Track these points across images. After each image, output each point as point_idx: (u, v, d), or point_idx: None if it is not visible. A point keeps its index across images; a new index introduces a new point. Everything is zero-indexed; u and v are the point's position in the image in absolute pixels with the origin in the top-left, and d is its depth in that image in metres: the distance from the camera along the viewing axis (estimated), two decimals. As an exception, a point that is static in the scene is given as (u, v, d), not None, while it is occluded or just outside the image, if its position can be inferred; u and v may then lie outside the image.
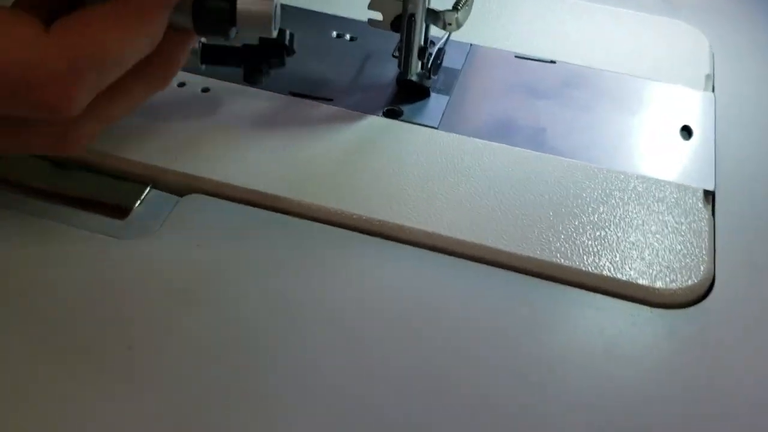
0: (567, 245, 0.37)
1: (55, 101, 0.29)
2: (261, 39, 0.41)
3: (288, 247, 0.37)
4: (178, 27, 0.34)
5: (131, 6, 0.30)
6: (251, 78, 0.42)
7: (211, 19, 0.34)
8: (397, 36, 0.43)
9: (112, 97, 0.32)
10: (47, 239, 0.37)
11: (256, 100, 0.44)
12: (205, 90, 0.45)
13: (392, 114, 0.44)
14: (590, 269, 0.36)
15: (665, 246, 0.38)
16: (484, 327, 0.35)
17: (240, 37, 0.37)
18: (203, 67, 0.42)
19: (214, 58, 0.42)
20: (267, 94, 0.45)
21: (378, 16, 0.42)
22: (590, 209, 0.39)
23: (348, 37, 0.49)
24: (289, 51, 0.41)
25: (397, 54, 0.44)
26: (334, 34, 0.49)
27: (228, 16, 0.34)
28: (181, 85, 0.45)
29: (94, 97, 0.31)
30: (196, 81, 0.45)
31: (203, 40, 0.41)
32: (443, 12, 0.42)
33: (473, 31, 0.47)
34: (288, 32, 0.41)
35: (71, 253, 0.37)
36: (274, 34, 0.36)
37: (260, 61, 0.41)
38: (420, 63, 0.44)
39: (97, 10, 0.30)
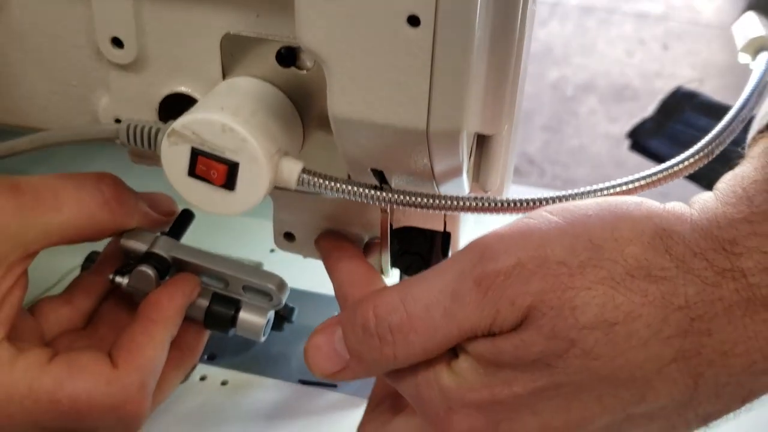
0: None
1: (134, 413, 0.37)
2: None
3: None
4: (193, 320, 0.43)
5: (158, 323, 0.40)
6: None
7: (217, 321, 0.43)
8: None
9: (159, 388, 0.40)
10: None
11: (269, 390, 0.50)
12: (224, 383, 0.51)
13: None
14: None
15: None
16: None
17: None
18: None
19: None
20: (278, 383, 0.51)
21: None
22: None
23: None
24: (288, 320, 0.49)
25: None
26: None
27: (231, 321, 0.43)
28: (203, 378, 0.51)
29: None
30: (216, 374, 0.51)
31: None
32: None
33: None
34: (291, 306, 0.49)
35: None
36: (262, 339, 0.44)
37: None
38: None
39: (135, 330, 0.39)
